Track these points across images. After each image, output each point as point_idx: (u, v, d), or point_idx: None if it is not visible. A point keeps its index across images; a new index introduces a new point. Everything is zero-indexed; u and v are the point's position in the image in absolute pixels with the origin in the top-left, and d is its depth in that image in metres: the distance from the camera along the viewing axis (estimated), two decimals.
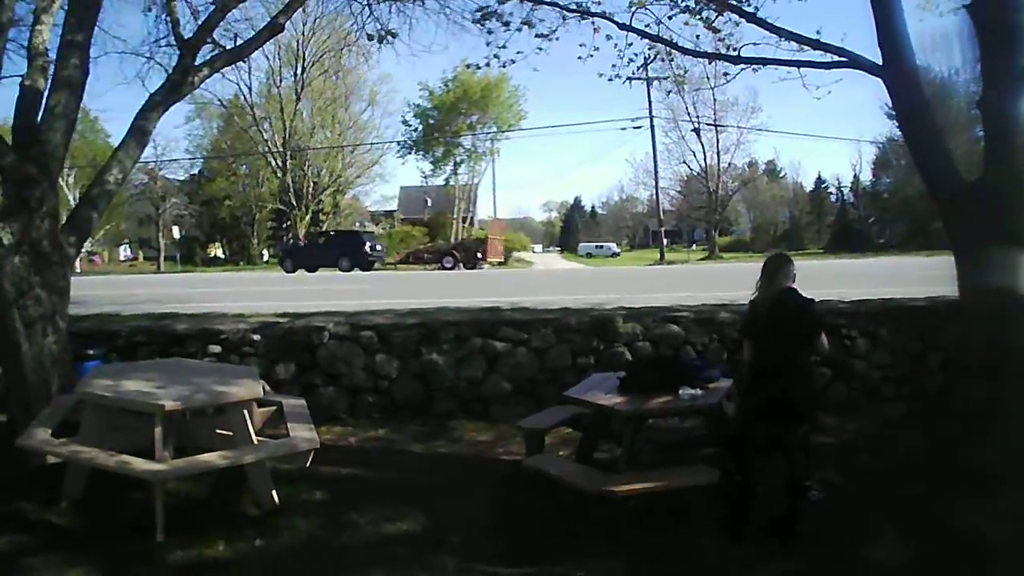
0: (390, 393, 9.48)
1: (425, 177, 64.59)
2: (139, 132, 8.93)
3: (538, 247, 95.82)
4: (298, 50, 53.42)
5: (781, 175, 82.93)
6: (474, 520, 6.27)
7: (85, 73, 8.51)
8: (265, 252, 59.07)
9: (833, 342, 9.49)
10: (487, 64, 10.30)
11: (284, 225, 57.86)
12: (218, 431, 6.99)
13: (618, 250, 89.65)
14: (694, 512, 6.20)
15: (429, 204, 71.18)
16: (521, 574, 5.37)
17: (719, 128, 59.87)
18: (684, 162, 64.75)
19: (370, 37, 10.75)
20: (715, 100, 58.58)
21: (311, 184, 55.75)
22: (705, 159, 62.15)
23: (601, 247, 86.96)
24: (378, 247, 43.27)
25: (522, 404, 9.07)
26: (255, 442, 6.38)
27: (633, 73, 10.72)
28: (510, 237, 76.32)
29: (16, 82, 8.20)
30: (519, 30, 9.77)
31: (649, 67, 11.33)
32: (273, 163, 55.24)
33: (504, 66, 10.19)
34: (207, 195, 58.95)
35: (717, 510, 6.04)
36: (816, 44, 8.77)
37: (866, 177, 69.06)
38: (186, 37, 9.52)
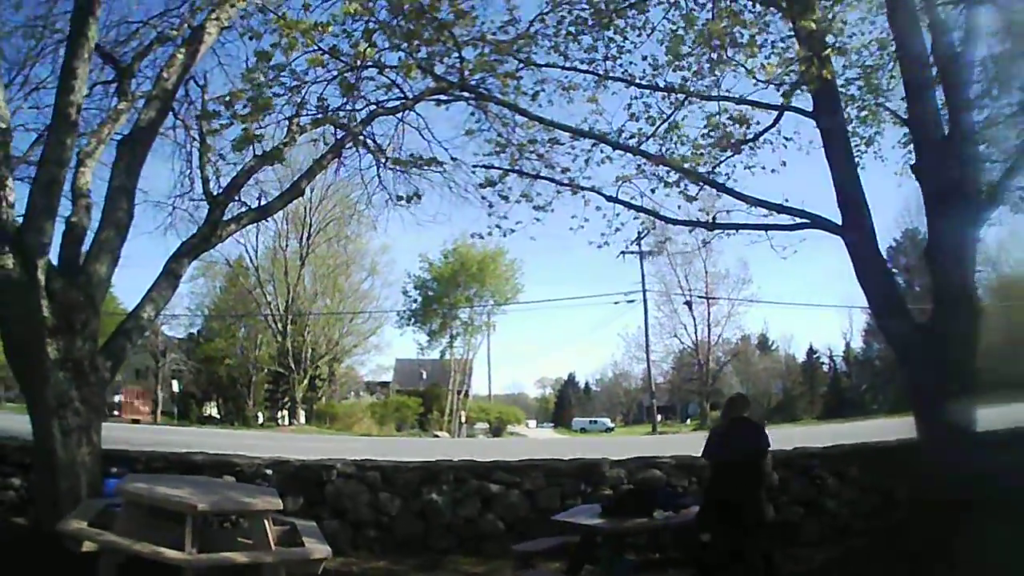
0: (391, 529, 10.11)
1: (421, 349, 65.84)
2: (171, 275, 9.97)
3: (532, 422, 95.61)
4: (305, 216, 55.16)
5: (773, 348, 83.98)
6: None
7: (130, 216, 9.63)
8: (260, 415, 59.29)
9: (804, 483, 10.35)
10: (489, 233, 11.25)
11: (281, 389, 58.34)
12: (239, 539, 7.65)
13: (612, 425, 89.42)
14: None
15: (424, 376, 71.96)
16: None
17: (710, 301, 61.52)
18: (676, 335, 65.92)
19: (400, 198, 11.51)
20: (706, 272, 60.59)
21: (310, 350, 56.56)
22: (696, 332, 63.44)
23: (595, 422, 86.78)
24: None
25: (514, 541, 9.59)
26: (273, 549, 7.05)
27: (626, 247, 11.78)
28: (504, 410, 76.87)
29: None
30: (518, 202, 10.81)
31: (642, 242, 12.45)
32: (274, 326, 56.20)
33: (505, 235, 11.10)
34: (205, 354, 59.61)
35: None
36: (780, 208, 9.97)
37: (857, 344, 70.01)
38: (215, 193, 10.57)
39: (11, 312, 8.40)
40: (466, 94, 9.96)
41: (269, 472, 10.19)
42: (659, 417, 59.84)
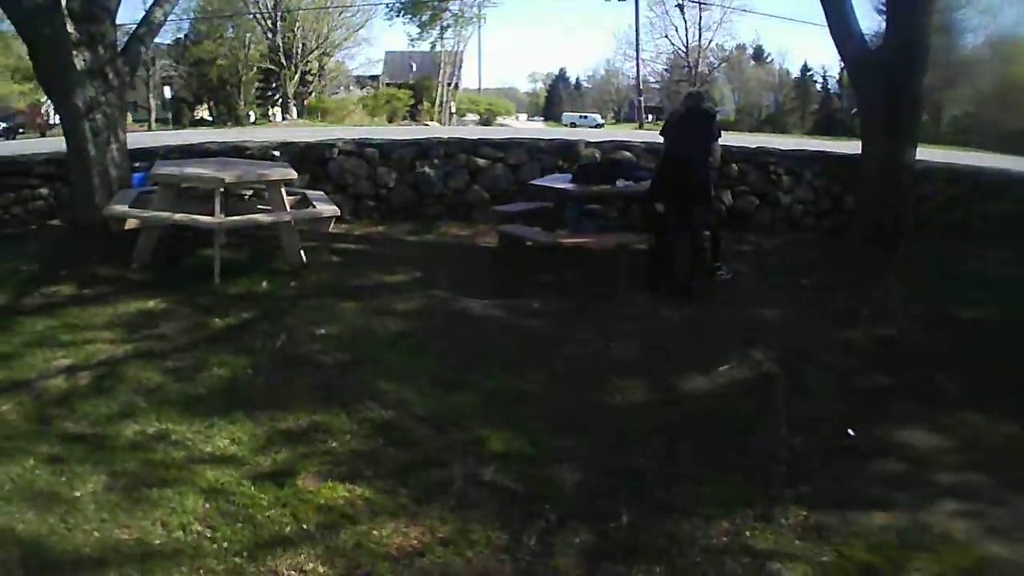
0: (388, 199, 11.38)
1: (412, 41, 64.73)
2: None
3: (523, 116, 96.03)
4: None
5: (768, 60, 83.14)
6: (455, 275, 8.28)
7: None
8: (252, 113, 59.51)
9: (762, 177, 11.53)
10: None
11: (273, 85, 58.22)
12: (259, 206, 8.87)
13: (602, 121, 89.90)
14: (628, 272, 8.23)
15: (414, 69, 71.29)
16: (490, 302, 7.42)
17: (702, 5, 60.20)
18: (666, 36, 65.03)
19: None
20: None
21: (300, 45, 55.89)
22: (687, 35, 62.63)
23: (585, 117, 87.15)
24: None
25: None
26: (289, 211, 8.28)
27: None
28: (494, 102, 77.06)
29: None
30: None
31: None
32: (263, 24, 55.26)
33: None
34: (194, 57, 58.91)
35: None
36: None
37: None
38: None
39: (39, 31, 8.99)
40: None
41: (277, 153, 11.19)
42: (649, 117, 60.37)
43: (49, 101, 59.85)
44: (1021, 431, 5.04)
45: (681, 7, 60.54)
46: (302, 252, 8.30)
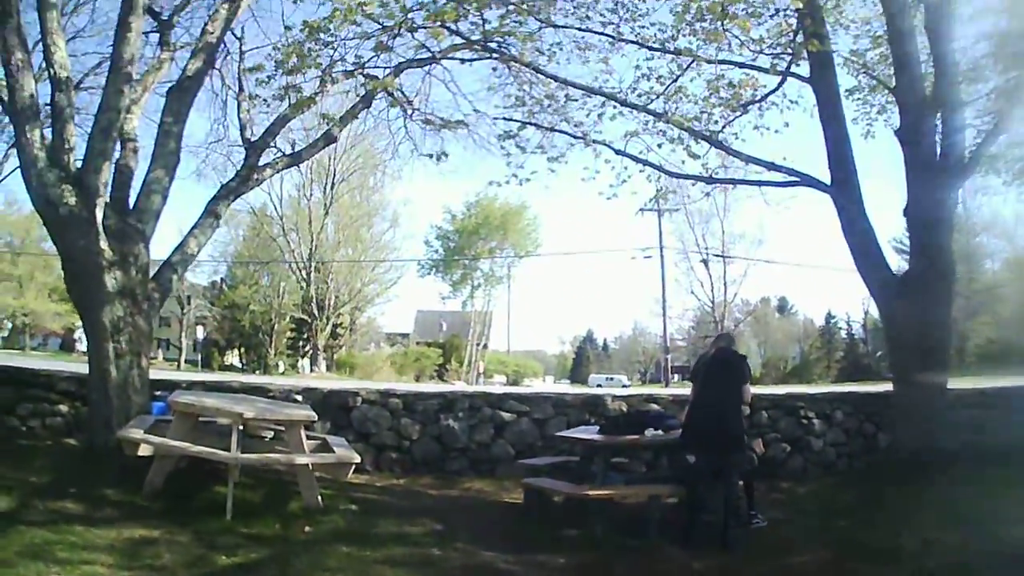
0: (411, 451, 11.08)
1: (443, 299, 67.04)
2: (212, 215, 10.92)
3: (549, 378, 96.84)
4: (329, 166, 55.73)
5: (792, 311, 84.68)
6: (477, 528, 7.86)
7: (178, 158, 10.61)
8: (281, 363, 60.36)
9: (792, 423, 11.24)
10: (507, 182, 11.92)
11: (304, 336, 59.45)
12: (276, 447, 8.62)
13: (628, 383, 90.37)
14: (659, 525, 7.76)
15: (444, 328, 73.24)
16: (513, 557, 6.95)
17: (726, 259, 61.93)
18: (692, 292, 66.48)
19: (428, 155, 12.22)
20: (723, 231, 60.99)
21: (333, 296, 57.52)
22: (712, 290, 64.07)
23: (612, 379, 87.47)
24: None
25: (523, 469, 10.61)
26: (307, 454, 8.02)
27: (643, 204, 12.54)
28: (521, 363, 78.02)
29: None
30: (534, 152, 11.57)
31: (660, 200, 13.24)
32: (298, 274, 57.23)
33: (521, 183, 11.74)
34: (229, 301, 60.54)
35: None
36: (772, 166, 10.87)
37: (875, 310, 70.37)
38: (251, 140, 11.39)
39: (73, 246, 9.28)
40: (488, 52, 10.68)
41: (299, 398, 11.09)
42: (675, 377, 60.49)
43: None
44: None
45: (706, 262, 62.08)
46: (320, 497, 7.94)
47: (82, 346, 67.16)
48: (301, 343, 60.68)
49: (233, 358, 65.77)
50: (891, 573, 6.50)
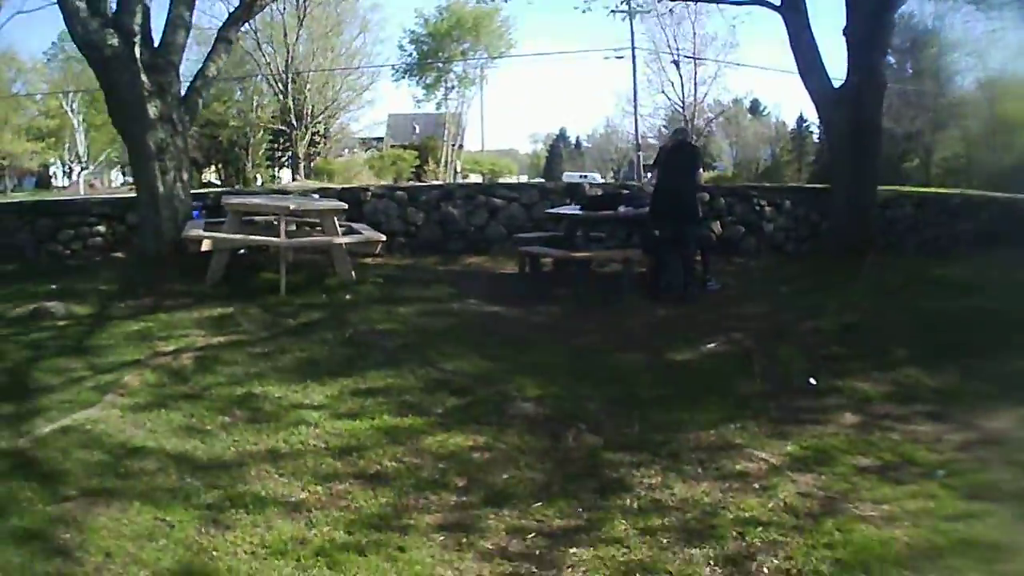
0: (416, 236, 12.68)
1: (417, 103, 67.18)
2: (224, 41, 11.88)
3: (524, 176, 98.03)
4: None
5: (764, 113, 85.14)
6: (483, 291, 9.60)
7: None
8: (259, 176, 60.86)
9: (747, 208, 12.94)
10: None
11: (284, 146, 59.94)
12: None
13: (601, 180, 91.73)
14: (631, 285, 9.59)
15: (417, 131, 73.53)
16: (515, 308, 8.76)
17: (697, 61, 62.18)
18: (663, 92, 66.87)
19: None
20: (694, 33, 60.89)
21: (311, 106, 57.76)
22: (683, 90, 64.59)
23: (585, 176, 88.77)
24: None
25: (516, 244, 12.21)
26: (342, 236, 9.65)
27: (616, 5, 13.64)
28: (496, 162, 78.98)
29: None
30: None
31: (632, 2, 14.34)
32: (275, 85, 57.15)
33: None
34: (204, 119, 60.45)
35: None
36: None
37: None
38: None
39: (118, 82, 10.30)
40: None
41: (316, 196, 12.57)
42: (648, 175, 61.78)
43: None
44: (953, 379, 6.35)
45: (677, 63, 62.24)
46: (352, 272, 9.60)
47: (58, 181, 67.71)
48: (279, 154, 61.22)
49: (211, 175, 66.02)
50: (815, 323, 8.17)
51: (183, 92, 11.21)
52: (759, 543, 3.78)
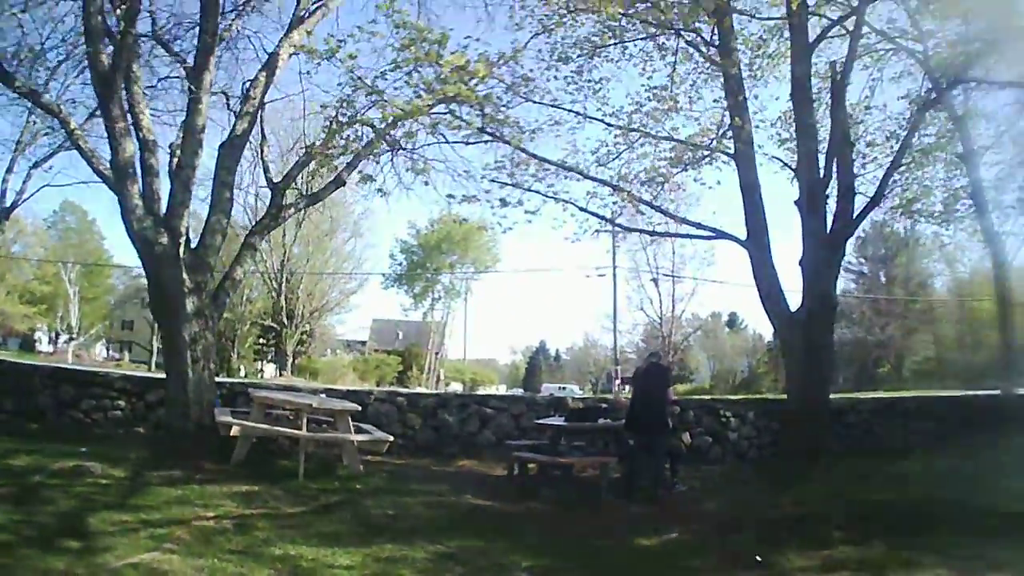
0: (414, 439, 14.05)
1: (405, 311, 69.72)
2: (250, 247, 13.51)
3: (503, 387, 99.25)
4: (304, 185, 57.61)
5: (742, 326, 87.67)
6: (475, 489, 10.92)
7: (232, 203, 13.20)
8: (243, 368, 61.52)
9: (713, 420, 14.43)
10: (494, 228, 14.92)
11: (271, 343, 61.30)
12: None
13: (580, 393, 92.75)
14: (607, 488, 10.90)
15: (400, 337, 75.72)
16: (504, 505, 10.05)
17: (675, 279, 64.75)
18: (641, 308, 68.86)
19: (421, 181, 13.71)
20: (674, 252, 63.76)
21: (303, 306, 59.68)
22: (661, 307, 66.92)
23: (564, 388, 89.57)
24: None
25: (505, 450, 13.39)
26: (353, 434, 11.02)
27: (599, 227, 15.37)
28: (478, 371, 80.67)
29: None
30: (515, 207, 14.02)
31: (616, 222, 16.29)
32: (269, 284, 59.02)
33: (504, 232, 14.80)
34: None
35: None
36: (698, 225, 14.14)
37: None
38: (275, 181, 13.56)
39: (164, 277, 11.76)
40: (487, 136, 13.39)
41: (323, 395, 13.95)
42: (626, 388, 62.97)
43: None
44: (879, 553, 7.63)
45: (655, 280, 65.06)
46: (361, 466, 10.90)
47: (42, 346, 68.90)
48: (266, 350, 62.69)
49: None
50: (765, 514, 9.50)
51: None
52: None
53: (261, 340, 62.87)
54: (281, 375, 56.67)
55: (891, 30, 14.71)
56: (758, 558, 7.45)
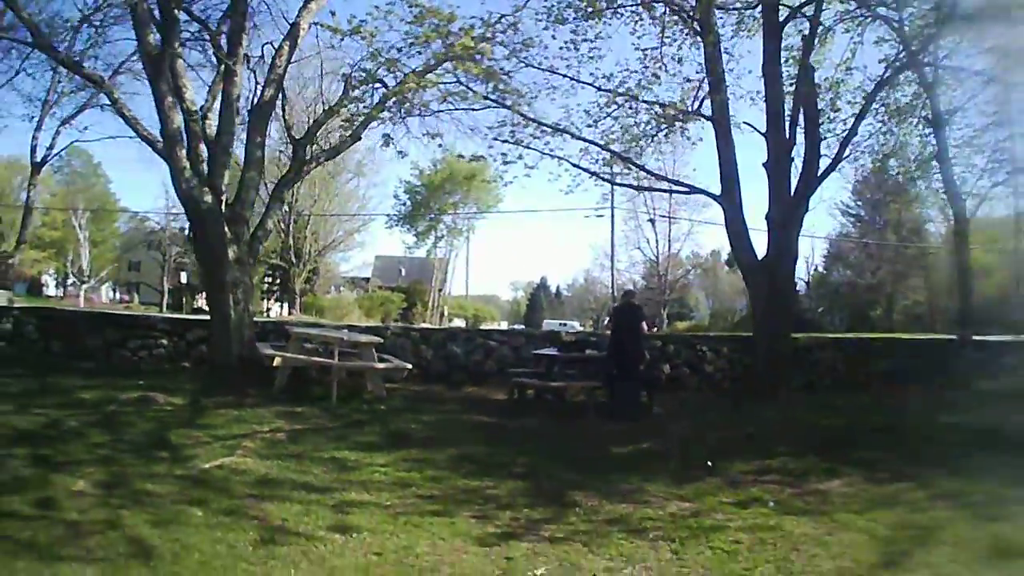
0: (427, 368, 15.93)
1: (408, 249, 71.15)
2: (278, 199, 15.27)
3: (504, 323, 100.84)
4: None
5: None
6: (481, 408, 12.94)
7: (263, 162, 14.77)
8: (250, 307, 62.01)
9: (691, 353, 16.24)
10: (494, 181, 16.82)
11: (279, 281, 62.83)
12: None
13: (580, 329, 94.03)
14: (593, 409, 12.82)
15: (403, 273, 77.16)
16: (506, 420, 11.97)
17: (671, 220, 66.04)
18: (638, 247, 70.79)
19: (428, 135, 15.43)
20: (670, 195, 65.04)
21: (309, 245, 61.36)
22: (658, 246, 68.81)
23: (564, 324, 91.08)
24: None
25: (506, 377, 15.22)
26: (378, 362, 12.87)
27: (592, 181, 16.97)
28: (480, 308, 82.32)
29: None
30: (514, 162, 15.89)
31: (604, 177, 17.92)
32: (277, 225, 59.92)
33: (506, 185, 16.47)
34: None
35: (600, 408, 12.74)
36: (675, 182, 15.95)
37: (820, 268, 73.93)
38: (297, 138, 15.02)
39: (207, 230, 13.46)
40: (490, 102, 15.07)
41: (347, 331, 15.75)
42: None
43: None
44: (811, 463, 9.31)
45: (652, 221, 66.80)
46: (384, 391, 12.77)
47: (49, 290, 70.42)
48: (275, 289, 64.51)
49: (202, 301, 67.99)
50: (723, 433, 11.30)
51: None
52: (659, 534, 6.72)
53: (268, 279, 64.10)
54: (290, 313, 58.34)
55: None
56: (709, 463, 9.17)
